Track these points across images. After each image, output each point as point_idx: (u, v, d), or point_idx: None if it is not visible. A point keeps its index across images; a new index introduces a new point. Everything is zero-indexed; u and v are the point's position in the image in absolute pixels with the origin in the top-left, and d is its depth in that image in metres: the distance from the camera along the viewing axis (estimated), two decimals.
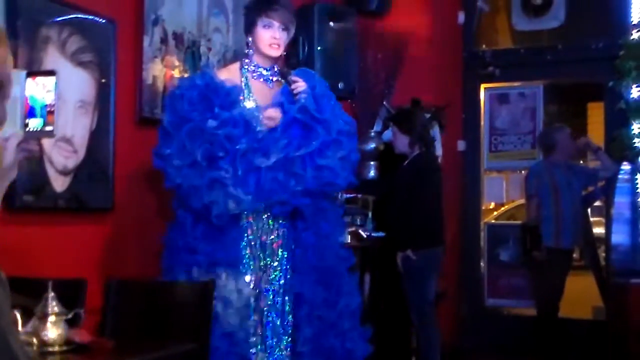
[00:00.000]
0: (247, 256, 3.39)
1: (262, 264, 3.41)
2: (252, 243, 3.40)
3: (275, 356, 3.39)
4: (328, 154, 3.39)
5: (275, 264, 3.44)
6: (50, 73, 1.76)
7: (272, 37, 3.44)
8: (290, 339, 3.42)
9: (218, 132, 3.23)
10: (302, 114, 3.39)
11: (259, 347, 3.37)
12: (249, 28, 3.50)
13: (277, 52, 3.48)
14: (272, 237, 3.44)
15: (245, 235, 3.40)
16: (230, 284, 3.23)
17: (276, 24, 3.44)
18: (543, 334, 5.46)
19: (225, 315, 3.17)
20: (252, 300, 3.35)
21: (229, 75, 3.48)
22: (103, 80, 3.57)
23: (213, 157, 3.25)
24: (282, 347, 3.41)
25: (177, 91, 3.42)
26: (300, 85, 3.43)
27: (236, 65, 3.57)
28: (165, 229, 3.49)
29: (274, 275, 3.43)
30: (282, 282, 3.44)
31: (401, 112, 5.41)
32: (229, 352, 3.20)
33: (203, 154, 3.22)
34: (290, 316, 3.43)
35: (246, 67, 3.52)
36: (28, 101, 1.72)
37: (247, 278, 3.35)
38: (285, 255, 3.46)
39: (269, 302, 3.41)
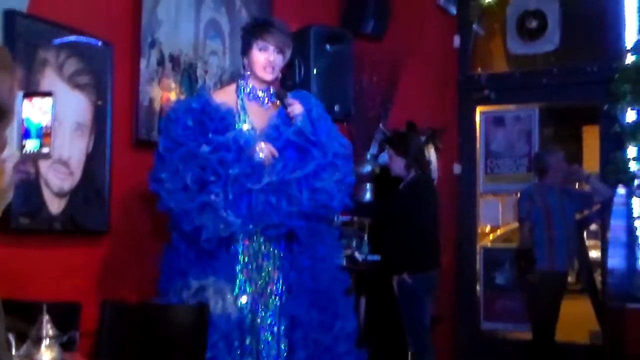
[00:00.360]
0: (242, 279, 3.38)
1: (258, 286, 3.40)
2: (249, 266, 3.39)
3: None
4: (324, 177, 3.39)
5: (272, 286, 3.42)
6: (47, 94, 1.75)
7: (266, 60, 3.44)
8: None
9: (210, 156, 3.23)
10: (297, 136, 3.39)
11: None
12: (245, 50, 3.51)
13: (270, 75, 3.48)
14: (268, 260, 3.43)
15: (241, 258, 3.39)
16: (217, 309, 3.21)
17: (271, 47, 3.45)
18: (539, 358, 5.45)
19: (210, 340, 3.14)
20: (247, 323, 3.34)
21: (225, 97, 3.48)
22: (99, 103, 3.58)
23: (204, 181, 3.25)
24: None
25: (172, 115, 3.42)
26: (296, 107, 3.44)
27: (232, 87, 3.58)
28: (160, 252, 3.48)
29: (270, 298, 3.41)
30: (277, 304, 3.42)
31: (397, 135, 5.42)
32: None
33: (193, 177, 3.23)
34: (285, 339, 3.41)
35: (242, 88, 3.53)
36: (24, 122, 1.71)
37: (244, 299, 3.35)
38: (281, 278, 3.45)
39: (265, 325, 3.39)
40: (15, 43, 3.14)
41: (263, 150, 3.34)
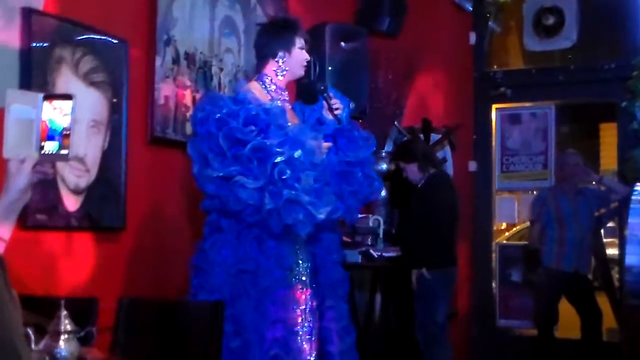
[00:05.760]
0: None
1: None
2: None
3: None
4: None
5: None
6: (68, 97, 1.75)
7: (304, 58, 3.48)
8: None
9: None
10: (350, 125, 3.58)
11: None
12: (287, 47, 3.43)
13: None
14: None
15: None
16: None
17: (305, 45, 3.49)
18: (540, 353, 5.53)
19: None
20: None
21: (260, 95, 3.37)
22: (115, 100, 3.59)
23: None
24: None
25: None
26: (338, 102, 3.50)
27: (256, 84, 3.45)
28: (174, 247, 3.48)
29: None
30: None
31: (399, 147, 5.50)
32: None
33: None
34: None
35: (267, 86, 3.45)
36: (47, 124, 1.72)
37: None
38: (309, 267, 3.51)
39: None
40: (32, 40, 3.15)
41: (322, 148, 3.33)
